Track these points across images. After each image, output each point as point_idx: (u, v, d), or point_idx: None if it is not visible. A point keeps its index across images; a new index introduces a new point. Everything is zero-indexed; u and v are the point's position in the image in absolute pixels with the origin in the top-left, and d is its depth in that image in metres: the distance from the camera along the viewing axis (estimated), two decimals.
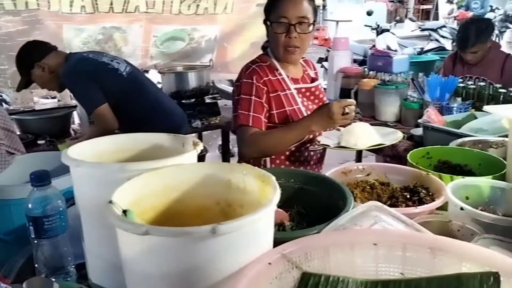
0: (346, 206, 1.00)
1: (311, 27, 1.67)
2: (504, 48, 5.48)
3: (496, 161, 1.36)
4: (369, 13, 8.75)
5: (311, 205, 1.15)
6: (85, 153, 0.91)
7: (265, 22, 1.73)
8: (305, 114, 1.72)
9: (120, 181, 0.78)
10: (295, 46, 1.66)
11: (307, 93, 1.80)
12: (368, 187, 1.28)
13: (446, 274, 0.68)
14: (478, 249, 0.71)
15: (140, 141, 1.04)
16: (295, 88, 1.76)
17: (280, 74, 1.73)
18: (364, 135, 1.58)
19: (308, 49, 1.80)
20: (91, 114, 2.34)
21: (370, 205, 0.96)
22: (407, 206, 1.18)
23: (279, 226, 1.06)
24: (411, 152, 1.44)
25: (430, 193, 1.20)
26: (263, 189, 0.79)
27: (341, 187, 1.08)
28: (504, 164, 1.30)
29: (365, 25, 8.01)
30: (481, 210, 1.13)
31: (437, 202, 1.10)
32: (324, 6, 13.89)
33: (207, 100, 3.31)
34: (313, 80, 1.87)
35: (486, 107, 1.24)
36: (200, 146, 0.94)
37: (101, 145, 1.00)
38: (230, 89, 6.86)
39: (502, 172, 1.25)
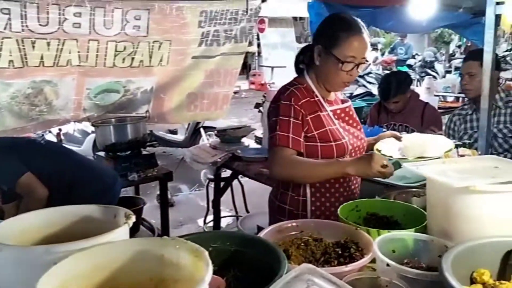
0: (280, 269, 1.02)
1: None
2: (423, 92, 5.97)
3: (418, 212, 1.46)
4: None
5: (248, 268, 1.16)
6: (9, 233, 0.87)
7: (320, 49, 1.77)
8: (343, 135, 1.82)
9: (47, 264, 0.75)
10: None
11: (342, 114, 1.91)
12: (302, 244, 1.31)
13: None
14: None
15: (68, 214, 1.01)
16: (331, 110, 1.86)
17: (316, 96, 1.83)
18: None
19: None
20: (15, 186, 2.26)
21: (303, 268, 0.99)
22: (339, 262, 1.22)
23: None
24: (341, 206, 1.51)
25: (360, 249, 1.26)
26: (196, 264, 0.79)
27: (275, 250, 1.10)
28: (425, 215, 1.40)
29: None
30: (406, 262, 1.21)
31: (366, 259, 1.15)
32: (259, 53, 14.44)
33: (144, 152, 3.27)
34: (343, 101, 2.01)
35: (405, 164, 1.34)
36: (132, 219, 0.94)
37: (26, 221, 0.96)
38: (169, 136, 6.87)
39: (424, 224, 1.34)
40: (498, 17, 2.04)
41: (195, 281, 0.70)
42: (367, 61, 1.80)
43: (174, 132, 6.78)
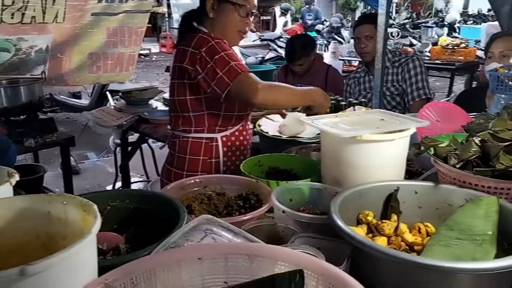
0: (179, 222, 1.03)
1: None
2: (329, 56, 6.23)
3: (315, 164, 1.55)
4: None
5: (148, 224, 1.16)
6: None
7: (213, 1, 1.76)
8: None
9: None
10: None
11: None
12: (205, 199, 1.34)
13: (261, 277, 0.76)
14: (288, 251, 0.81)
15: None
16: None
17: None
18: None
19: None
20: None
21: (201, 218, 1.01)
22: (241, 213, 1.27)
23: (113, 250, 1.04)
24: (244, 161, 1.55)
25: (260, 199, 1.31)
26: (85, 219, 0.77)
27: (175, 204, 1.10)
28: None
29: None
30: (302, 209, 1.28)
31: (263, 208, 1.20)
32: (169, 14, 13.91)
33: (41, 116, 3.05)
34: None
35: (302, 118, 1.40)
36: (16, 177, 0.88)
37: None
38: (71, 101, 6.43)
39: (319, 174, 1.43)
40: None
41: (83, 235, 0.68)
42: (257, 12, 1.83)
43: (77, 96, 6.37)
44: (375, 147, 1.25)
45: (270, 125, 2.01)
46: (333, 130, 1.25)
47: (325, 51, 8.35)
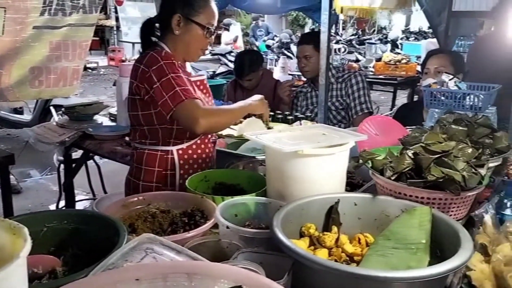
0: (119, 242, 1.00)
1: None
2: (279, 71, 6.35)
3: (261, 178, 1.57)
4: None
5: (88, 245, 1.12)
6: None
7: (179, 18, 1.78)
8: (205, 103, 1.84)
9: None
10: None
11: (201, 86, 1.95)
12: (149, 217, 1.32)
13: None
14: (228, 268, 0.81)
15: None
16: (192, 81, 1.88)
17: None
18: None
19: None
20: None
21: (142, 237, 0.99)
22: (185, 230, 1.25)
23: (50, 274, 1.00)
24: (189, 178, 1.54)
25: (205, 216, 1.31)
26: (15, 242, 0.74)
27: (115, 224, 1.08)
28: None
29: None
30: (248, 224, 1.29)
31: (207, 225, 1.20)
32: (118, 27, 13.66)
33: None
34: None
35: (245, 134, 1.42)
36: None
37: None
38: (13, 116, 6.13)
39: (264, 189, 1.45)
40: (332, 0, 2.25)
41: (11, 260, 0.65)
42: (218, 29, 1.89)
43: (19, 111, 6.08)
44: (316, 161, 1.28)
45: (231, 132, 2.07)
46: (275, 145, 1.28)
47: (275, 66, 8.51)
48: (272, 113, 2.72)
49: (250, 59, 3.27)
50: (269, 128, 1.99)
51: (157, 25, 1.95)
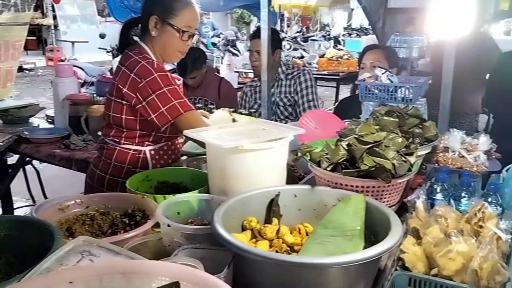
0: (53, 246, 0.97)
1: None
2: (225, 69, 6.35)
3: (204, 176, 1.57)
4: (102, 36, 8.72)
5: (22, 251, 1.08)
6: None
7: (156, 20, 1.78)
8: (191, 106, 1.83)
9: None
10: None
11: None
12: (88, 219, 1.28)
13: None
14: (165, 264, 0.81)
15: None
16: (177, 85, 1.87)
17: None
18: None
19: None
20: None
21: (78, 240, 0.97)
22: (126, 231, 1.23)
23: None
24: (130, 178, 1.52)
25: (146, 215, 1.29)
26: None
27: (49, 228, 1.04)
28: None
29: (99, 48, 7.94)
30: (191, 222, 1.29)
31: (148, 224, 1.19)
32: (56, 26, 13.07)
33: None
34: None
35: (185, 131, 1.42)
36: None
37: None
38: None
39: (207, 186, 1.45)
40: None
41: None
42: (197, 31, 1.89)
43: None
44: (256, 155, 1.30)
45: None
46: (215, 141, 1.29)
47: (221, 63, 8.49)
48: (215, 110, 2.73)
49: (192, 57, 3.24)
50: (234, 120, 2.02)
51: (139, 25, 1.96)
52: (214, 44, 11.40)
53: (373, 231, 1.14)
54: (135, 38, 1.93)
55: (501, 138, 2.18)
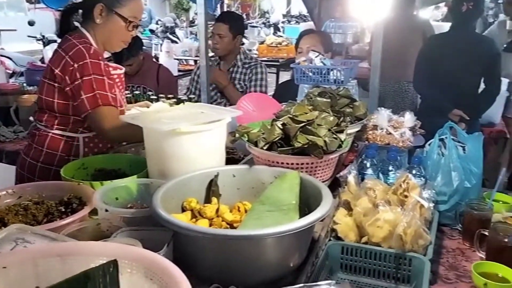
0: None
1: None
2: (164, 56, 6.24)
3: (143, 161, 1.56)
4: (31, 23, 8.23)
5: None
6: None
7: (101, 8, 1.74)
8: (122, 103, 1.82)
9: None
10: None
11: (118, 81, 1.90)
12: (21, 210, 1.25)
13: (74, 275, 0.76)
14: (102, 244, 0.82)
15: None
16: (116, 75, 1.88)
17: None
18: None
19: None
20: None
21: (11, 228, 0.95)
22: (62, 219, 1.21)
23: None
24: (64, 166, 1.48)
25: (83, 202, 1.28)
26: None
27: None
28: None
29: (28, 36, 7.50)
30: (130, 206, 1.29)
31: (84, 210, 1.18)
32: None
33: None
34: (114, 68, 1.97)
35: (122, 116, 1.41)
36: None
37: None
38: None
39: (145, 170, 1.45)
40: None
41: None
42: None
43: None
44: (194, 138, 1.32)
45: None
46: (153, 125, 1.29)
47: (160, 51, 8.31)
48: (154, 97, 2.70)
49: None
50: None
51: (80, 10, 1.88)
52: (152, 31, 11.12)
53: (307, 204, 1.20)
54: (76, 24, 1.88)
55: (426, 116, 2.36)
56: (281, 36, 8.41)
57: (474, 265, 1.25)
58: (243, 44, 7.78)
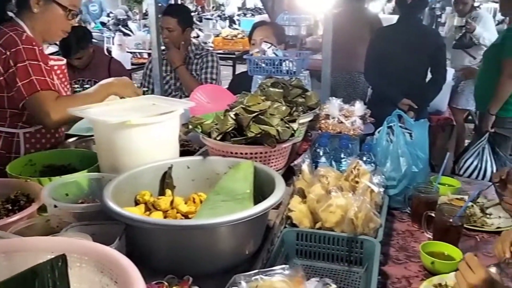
0: None
1: None
2: (116, 49, 6.08)
3: (93, 156, 1.52)
4: None
5: None
6: None
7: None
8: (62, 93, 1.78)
9: None
10: None
11: (59, 72, 1.87)
12: None
13: (21, 271, 0.73)
14: (50, 239, 0.80)
15: None
16: (56, 66, 1.84)
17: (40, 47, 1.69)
18: None
19: None
20: None
21: None
22: (8, 217, 1.17)
23: None
24: (10, 163, 1.43)
25: (31, 199, 1.23)
26: None
27: None
28: None
29: None
30: (81, 202, 1.26)
31: (32, 207, 1.14)
32: None
33: None
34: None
35: (70, 109, 1.36)
36: None
37: None
38: None
39: (96, 165, 1.42)
40: None
41: None
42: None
43: None
44: (146, 130, 1.30)
45: None
46: (101, 118, 1.26)
47: (112, 44, 8.08)
48: None
49: (77, 36, 3.04)
50: None
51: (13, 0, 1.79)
52: (103, 24, 10.79)
53: (262, 193, 1.21)
54: (10, 14, 1.79)
55: (377, 106, 2.44)
56: (236, 29, 8.40)
57: (422, 245, 1.31)
58: (197, 36, 7.72)
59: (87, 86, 2.79)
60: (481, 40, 4.04)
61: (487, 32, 4.08)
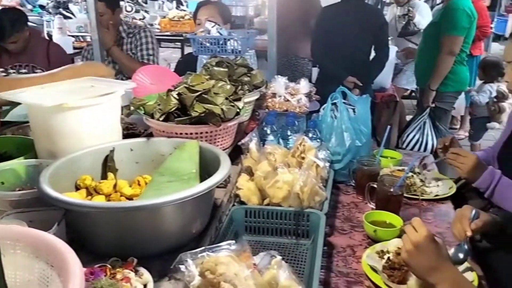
0: None
1: None
2: (56, 33, 5.77)
3: (30, 142, 1.44)
4: None
5: None
6: None
7: None
8: None
9: None
10: None
11: None
12: None
13: None
14: None
15: None
16: None
17: None
18: None
19: None
20: None
21: None
22: None
23: None
24: None
25: None
26: None
27: None
28: None
29: None
30: (19, 190, 1.20)
31: None
32: None
33: None
34: None
35: (1, 94, 1.28)
36: None
37: None
38: None
39: (33, 151, 1.35)
40: None
41: None
42: None
43: None
44: (84, 113, 1.25)
45: None
46: (36, 101, 1.20)
47: (53, 27, 7.67)
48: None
49: (10, 18, 2.87)
50: None
51: None
52: (42, 7, 10.22)
53: (208, 172, 1.20)
54: None
55: (324, 84, 2.48)
56: (184, 10, 8.21)
57: (365, 215, 1.36)
58: (143, 18, 7.46)
59: (23, 71, 2.64)
60: (421, 27, 4.23)
61: (424, 20, 4.29)
